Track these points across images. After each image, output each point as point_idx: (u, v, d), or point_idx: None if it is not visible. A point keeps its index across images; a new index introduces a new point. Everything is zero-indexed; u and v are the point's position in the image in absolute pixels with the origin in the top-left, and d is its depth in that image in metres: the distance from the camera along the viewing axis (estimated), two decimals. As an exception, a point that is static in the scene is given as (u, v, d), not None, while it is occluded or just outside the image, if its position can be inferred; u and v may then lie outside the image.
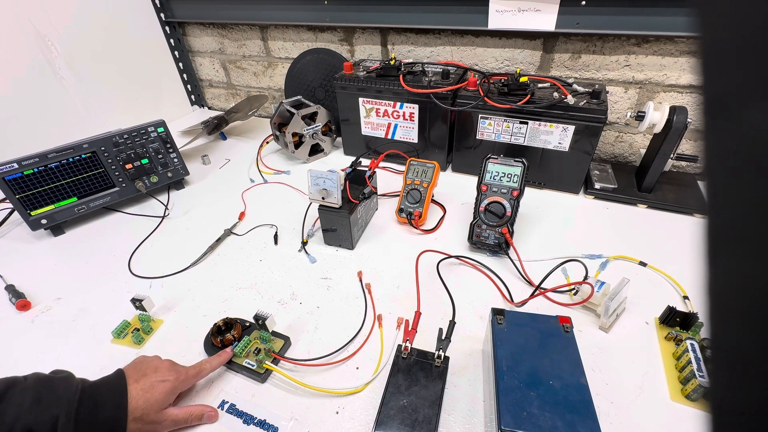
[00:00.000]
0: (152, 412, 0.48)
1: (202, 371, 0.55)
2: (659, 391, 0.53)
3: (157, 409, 0.49)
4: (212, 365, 0.56)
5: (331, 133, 1.14)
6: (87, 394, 0.46)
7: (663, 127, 0.79)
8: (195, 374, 0.54)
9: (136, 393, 0.48)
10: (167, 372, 0.51)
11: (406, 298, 0.68)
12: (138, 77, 1.29)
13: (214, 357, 0.57)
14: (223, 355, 0.57)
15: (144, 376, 0.50)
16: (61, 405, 0.43)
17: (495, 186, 0.73)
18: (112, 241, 0.87)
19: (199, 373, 0.54)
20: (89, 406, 0.45)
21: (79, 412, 0.44)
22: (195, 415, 0.51)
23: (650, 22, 0.83)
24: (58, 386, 0.45)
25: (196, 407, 0.52)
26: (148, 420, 0.48)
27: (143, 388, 0.49)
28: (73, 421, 0.43)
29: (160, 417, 0.49)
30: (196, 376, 0.54)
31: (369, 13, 1.07)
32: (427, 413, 0.48)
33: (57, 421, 0.42)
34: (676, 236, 0.78)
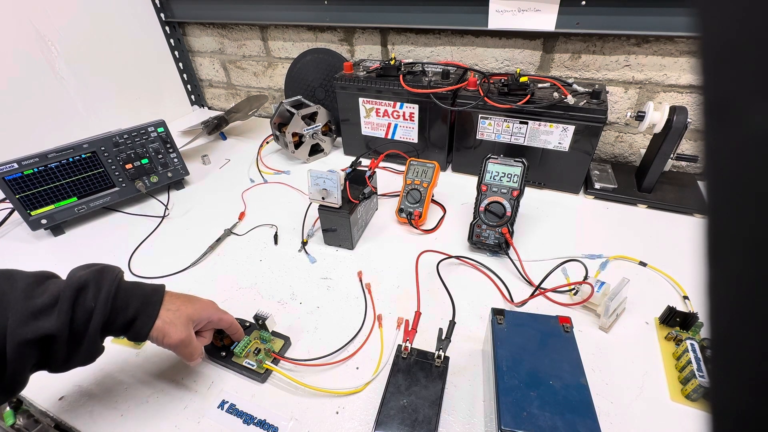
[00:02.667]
0: (183, 315, 0.50)
1: (233, 324, 0.58)
2: (659, 391, 0.53)
3: (188, 315, 0.51)
4: (235, 324, 0.58)
5: (331, 133, 1.14)
6: (128, 281, 0.50)
7: (663, 127, 0.79)
8: (229, 320, 0.57)
9: (175, 296, 0.52)
10: (206, 302, 0.55)
11: (406, 298, 0.68)
12: (138, 77, 1.29)
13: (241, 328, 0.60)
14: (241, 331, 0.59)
15: (185, 295, 0.54)
16: (106, 273, 0.47)
17: (495, 186, 0.73)
18: (112, 241, 0.87)
19: (231, 323, 0.57)
20: (130, 284, 0.49)
21: (121, 283, 0.48)
22: (198, 350, 0.53)
23: (650, 22, 0.83)
24: (101, 264, 0.49)
25: (200, 351, 0.54)
26: (175, 320, 0.49)
27: (182, 298, 0.52)
28: (116, 285, 0.46)
29: (185, 326, 0.50)
30: (228, 321, 0.57)
31: (369, 13, 1.07)
32: (427, 413, 0.48)
33: (102, 280, 0.46)
34: (676, 236, 0.78)
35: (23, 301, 0.41)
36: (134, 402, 0.55)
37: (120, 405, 0.55)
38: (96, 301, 0.44)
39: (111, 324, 0.46)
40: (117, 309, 0.46)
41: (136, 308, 0.47)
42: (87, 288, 0.44)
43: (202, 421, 0.53)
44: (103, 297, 0.45)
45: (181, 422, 0.53)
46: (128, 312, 0.47)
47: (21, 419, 0.61)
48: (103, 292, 0.45)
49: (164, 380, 0.58)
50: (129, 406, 0.55)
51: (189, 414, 0.54)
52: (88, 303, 0.44)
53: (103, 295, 0.45)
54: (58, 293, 0.43)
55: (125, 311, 0.47)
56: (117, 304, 0.46)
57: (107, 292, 0.45)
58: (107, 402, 0.55)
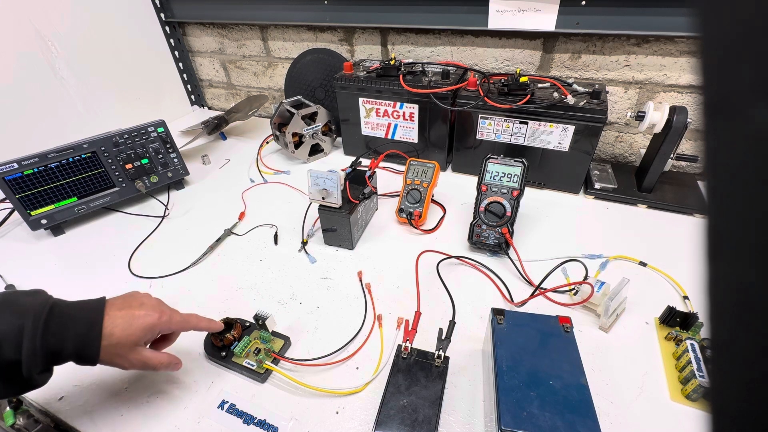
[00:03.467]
0: (127, 344, 0.46)
1: (188, 322, 0.53)
2: (659, 391, 0.53)
3: (132, 343, 0.47)
4: (200, 322, 0.54)
5: (331, 133, 1.14)
6: (59, 308, 0.44)
7: (663, 127, 0.79)
8: (179, 321, 0.52)
9: (115, 320, 0.46)
10: (152, 309, 0.49)
11: (406, 298, 0.68)
12: (138, 77, 1.29)
13: (204, 317, 0.55)
14: (213, 322, 0.56)
15: (128, 307, 0.48)
16: (26, 316, 0.41)
17: (495, 186, 0.73)
18: (112, 241, 0.87)
19: (185, 321, 0.52)
20: (60, 319, 0.43)
21: (48, 323, 0.42)
22: (163, 362, 0.50)
23: (650, 22, 0.83)
24: (23, 300, 0.43)
25: (165, 355, 0.51)
26: (119, 351, 0.46)
27: (123, 317, 0.47)
28: (40, 331, 0.41)
29: (132, 353, 0.47)
30: (180, 323, 0.52)
31: (369, 13, 1.07)
32: (427, 413, 0.48)
33: (22, 329, 0.40)
34: (676, 236, 0.78)
35: None
36: (134, 402, 0.55)
37: (120, 405, 0.55)
38: (20, 354, 0.40)
39: (53, 363, 0.43)
40: (50, 355, 0.42)
41: (72, 351, 0.43)
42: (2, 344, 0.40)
43: (202, 421, 0.53)
44: (27, 351, 0.40)
45: (181, 422, 0.53)
46: (63, 356, 0.43)
47: (21, 419, 0.61)
48: (25, 345, 0.40)
49: (164, 380, 0.58)
50: (129, 406, 0.55)
51: (189, 414, 0.53)
52: (9, 357, 0.40)
53: (27, 349, 0.40)
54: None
55: (59, 356, 0.43)
56: (48, 349, 0.42)
57: (30, 346, 0.40)
58: (107, 402, 0.55)
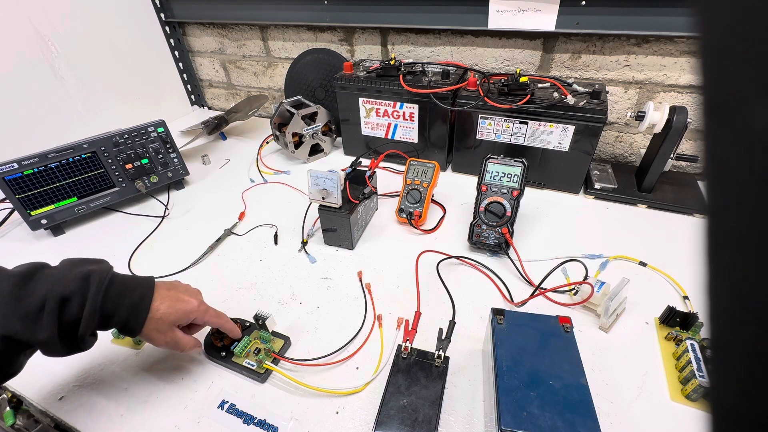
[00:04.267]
0: (167, 322, 0.51)
1: (221, 317, 0.57)
2: (659, 391, 0.53)
3: (172, 321, 0.51)
4: (227, 323, 0.58)
5: (331, 133, 1.14)
6: (118, 278, 0.49)
7: (663, 127, 0.79)
8: (213, 315, 0.56)
9: (163, 298, 0.51)
10: (194, 295, 0.55)
11: (406, 298, 0.68)
12: (138, 77, 1.29)
13: (231, 321, 0.59)
14: (236, 329, 0.59)
15: (175, 289, 0.53)
16: (92, 279, 0.46)
17: (495, 186, 0.73)
18: (112, 241, 0.87)
19: (216, 317, 0.56)
20: (118, 288, 0.48)
21: (108, 290, 0.47)
22: (191, 345, 0.54)
23: (650, 22, 0.83)
24: (90, 266, 0.48)
25: (194, 340, 0.55)
26: (159, 326, 0.50)
27: (170, 297, 0.52)
28: (102, 295, 0.46)
29: (169, 331, 0.51)
30: (215, 316, 0.56)
31: (369, 13, 1.07)
32: (427, 413, 0.48)
33: (87, 291, 0.45)
34: (676, 236, 0.78)
35: (11, 304, 0.42)
36: (134, 402, 0.55)
37: (120, 405, 0.55)
38: (82, 313, 0.45)
39: (99, 328, 0.47)
40: (104, 318, 0.47)
41: (123, 318, 0.48)
42: (71, 299, 0.44)
43: (202, 421, 0.53)
44: (88, 310, 0.45)
45: (181, 422, 0.53)
46: (114, 321, 0.48)
47: (21, 419, 0.61)
48: (88, 305, 0.45)
49: (164, 380, 0.58)
50: (129, 406, 0.55)
51: (189, 414, 0.53)
52: (74, 314, 0.44)
53: (88, 308, 0.45)
54: (44, 300, 0.43)
55: (111, 320, 0.47)
56: (104, 312, 0.46)
57: (92, 306, 0.45)
58: (107, 402, 0.55)
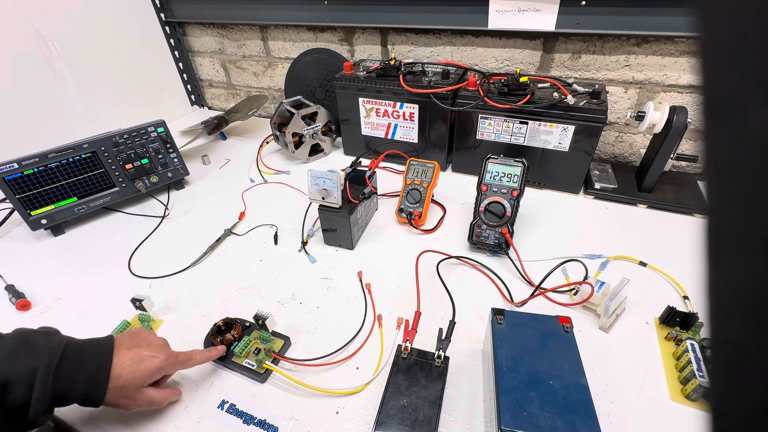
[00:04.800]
0: (133, 386, 0.47)
1: (192, 359, 0.54)
2: (659, 391, 0.53)
3: (138, 385, 0.47)
4: (202, 357, 0.55)
5: (331, 133, 1.14)
6: (71, 350, 0.45)
7: (663, 127, 0.79)
8: (184, 360, 0.53)
9: (123, 362, 0.47)
10: (159, 349, 0.50)
11: (406, 298, 0.68)
12: (138, 77, 1.29)
13: (206, 350, 0.56)
14: (214, 351, 0.57)
15: (136, 347, 0.49)
16: (40, 358, 0.42)
17: (495, 186, 0.73)
18: (112, 241, 0.86)
19: (188, 360, 0.53)
20: (72, 362, 0.44)
21: (60, 367, 0.42)
22: (168, 397, 0.52)
23: (650, 22, 0.83)
24: (39, 340, 0.44)
25: (170, 391, 0.52)
26: (126, 393, 0.47)
27: (131, 358, 0.48)
28: (52, 376, 0.41)
29: (138, 394, 0.48)
30: (185, 362, 0.53)
31: (369, 13, 1.07)
32: (427, 413, 0.48)
33: (35, 373, 0.41)
34: (676, 236, 0.78)
35: None
36: (134, 402, 0.55)
37: (120, 405, 0.55)
38: (30, 398, 0.41)
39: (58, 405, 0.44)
40: (57, 398, 0.42)
41: (81, 394, 0.44)
42: (12, 385, 0.40)
43: (202, 421, 0.53)
44: (37, 394, 0.40)
45: (181, 422, 0.53)
46: (71, 398, 0.44)
47: (21, 419, 0.61)
48: (36, 388, 0.40)
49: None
50: (129, 406, 0.55)
51: (189, 414, 0.53)
52: (18, 398, 0.40)
53: (38, 392, 0.40)
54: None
55: (67, 398, 0.43)
56: (57, 392, 0.42)
57: (42, 389, 0.41)
58: (107, 402, 0.55)
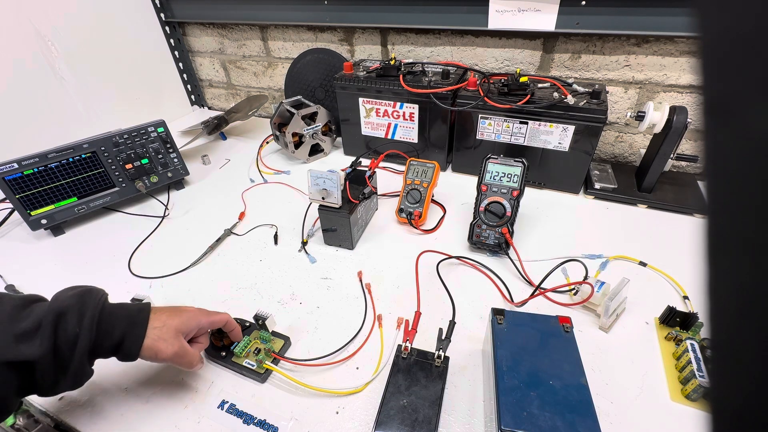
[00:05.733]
0: (170, 330, 0.50)
1: (225, 317, 0.57)
2: (659, 391, 0.53)
3: (174, 330, 0.51)
4: (233, 322, 0.58)
5: (331, 133, 1.14)
6: (113, 303, 0.49)
7: (663, 127, 0.79)
8: (218, 317, 0.57)
9: (161, 313, 0.51)
10: (193, 308, 0.55)
11: (406, 298, 0.68)
12: (138, 77, 1.29)
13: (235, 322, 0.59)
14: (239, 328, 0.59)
15: (172, 308, 0.54)
16: (89, 299, 0.46)
17: (495, 186, 0.73)
18: (112, 241, 0.86)
19: (222, 317, 0.57)
20: (114, 305, 0.49)
21: (105, 306, 0.47)
22: (197, 358, 0.54)
23: (650, 22, 0.83)
24: (87, 287, 0.49)
25: (198, 354, 0.54)
26: (164, 335, 0.50)
27: (168, 311, 0.52)
28: (99, 310, 0.46)
29: (174, 340, 0.50)
30: (219, 318, 0.57)
31: (369, 13, 1.07)
32: (427, 413, 0.48)
33: (84, 306, 0.45)
34: (676, 236, 0.78)
35: (8, 324, 0.42)
36: (134, 402, 0.55)
37: (120, 405, 0.55)
38: (80, 327, 0.44)
39: (98, 348, 0.46)
40: (102, 333, 0.46)
41: (123, 330, 0.47)
42: (68, 313, 0.44)
43: (202, 421, 0.53)
44: (87, 322, 0.44)
45: (181, 422, 0.53)
46: (114, 335, 0.47)
47: (21, 419, 0.61)
48: (86, 317, 0.45)
49: (164, 380, 0.58)
50: (129, 406, 0.55)
51: (189, 414, 0.54)
52: (71, 329, 0.44)
53: (87, 320, 0.44)
54: (41, 318, 0.42)
55: (111, 334, 0.47)
56: (102, 327, 0.46)
57: (91, 317, 0.45)
58: (107, 402, 0.55)
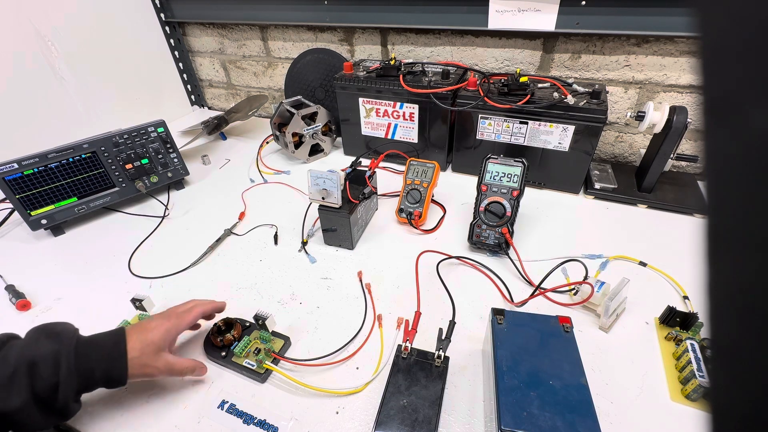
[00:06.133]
0: (149, 352, 0.50)
1: (194, 309, 0.57)
2: (659, 391, 0.53)
3: (153, 350, 0.51)
4: (205, 307, 0.58)
5: (331, 133, 1.14)
6: (84, 337, 0.49)
7: (663, 127, 0.79)
8: (185, 310, 0.56)
9: (133, 337, 0.51)
10: (161, 318, 0.55)
11: (406, 298, 0.68)
12: (138, 77, 1.29)
13: (207, 300, 0.59)
14: (216, 303, 0.60)
15: (141, 326, 0.53)
16: (61, 340, 0.46)
17: (495, 186, 0.73)
18: (112, 241, 0.86)
19: (190, 310, 0.57)
20: (88, 343, 0.48)
21: (79, 346, 0.47)
22: (188, 366, 0.54)
23: (650, 22, 0.83)
24: (56, 327, 0.49)
25: (189, 361, 0.55)
26: (145, 360, 0.50)
27: (138, 331, 0.52)
28: (73, 353, 0.46)
29: (157, 359, 0.51)
30: (188, 312, 0.56)
31: (369, 13, 1.07)
32: (427, 413, 0.48)
33: (58, 353, 0.45)
34: (676, 236, 0.78)
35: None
36: (134, 402, 0.55)
37: (120, 405, 0.55)
38: (58, 376, 0.44)
39: (83, 389, 0.47)
40: (83, 377, 0.46)
41: (104, 369, 0.48)
42: (40, 363, 0.44)
43: (202, 421, 0.53)
44: (64, 371, 0.44)
45: (181, 422, 0.53)
46: (96, 375, 0.47)
47: (21, 419, 0.61)
48: (62, 365, 0.44)
49: (164, 380, 0.57)
50: (129, 406, 0.55)
51: (189, 414, 0.54)
52: (48, 377, 0.43)
53: (64, 369, 0.44)
54: (14, 366, 0.43)
55: (92, 376, 0.47)
56: (81, 372, 0.46)
57: (67, 365, 0.44)
58: (107, 402, 0.55)
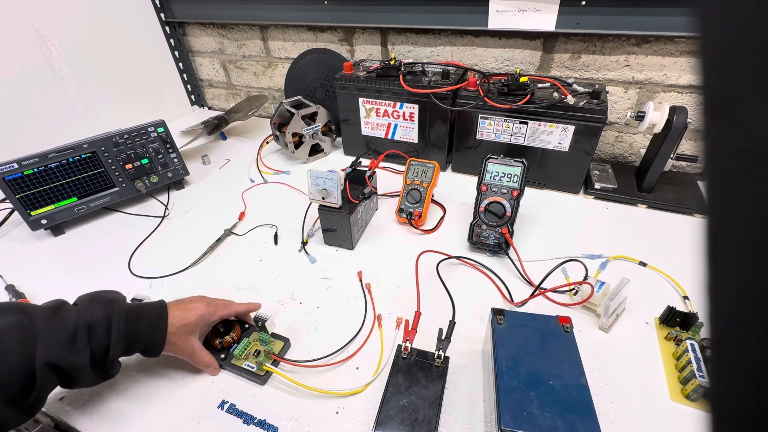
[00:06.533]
0: (183, 332, 0.55)
1: (231, 305, 0.61)
2: (659, 391, 0.53)
3: (187, 331, 0.55)
4: (240, 307, 0.62)
5: (331, 133, 1.14)
6: (133, 306, 0.54)
7: (663, 127, 0.79)
8: (224, 305, 0.60)
9: (174, 312, 0.56)
10: (199, 301, 0.59)
11: (406, 298, 0.68)
12: (138, 77, 1.29)
13: (244, 303, 0.63)
14: (252, 304, 0.63)
15: (181, 302, 0.58)
16: (112, 306, 0.51)
17: (495, 186, 0.73)
18: (112, 241, 0.86)
19: (227, 306, 0.61)
20: (135, 312, 0.53)
21: (128, 313, 0.52)
22: (207, 360, 0.57)
23: (650, 22, 0.83)
24: (107, 295, 0.53)
25: (209, 355, 0.58)
26: (176, 339, 0.54)
27: (180, 309, 0.56)
28: (123, 319, 0.51)
29: (186, 340, 0.55)
30: (225, 307, 0.60)
31: (369, 13, 1.07)
32: (427, 413, 0.48)
33: (111, 317, 0.50)
34: (676, 236, 0.78)
35: (48, 332, 0.46)
36: (134, 402, 0.55)
37: (120, 405, 0.55)
38: (109, 339, 0.50)
39: (126, 352, 0.52)
40: (129, 342, 0.51)
41: (146, 337, 0.53)
42: (97, 327, 0.49)
43: (202, 421, 0.53)
44: (115, 335, 0.50)
45: (181, 422, 0.53)
46: (140, 341, 0.53)
47: (21, 419, 0.61)
48: (113, 330, 0.50)
49: (164, 380, 0.58)
50: (129, 407, 0.55)
51: (189, 414, 0.54)
52: (102, 339, 0.49)
53: (114, 333, 0.50)
54: (74, 329, 0.47)
55: (137, 342, 0.52)
56: (128, 338, 0.51)
57: (117, 330, 0.50)
58: (107, 402, 0.55)
